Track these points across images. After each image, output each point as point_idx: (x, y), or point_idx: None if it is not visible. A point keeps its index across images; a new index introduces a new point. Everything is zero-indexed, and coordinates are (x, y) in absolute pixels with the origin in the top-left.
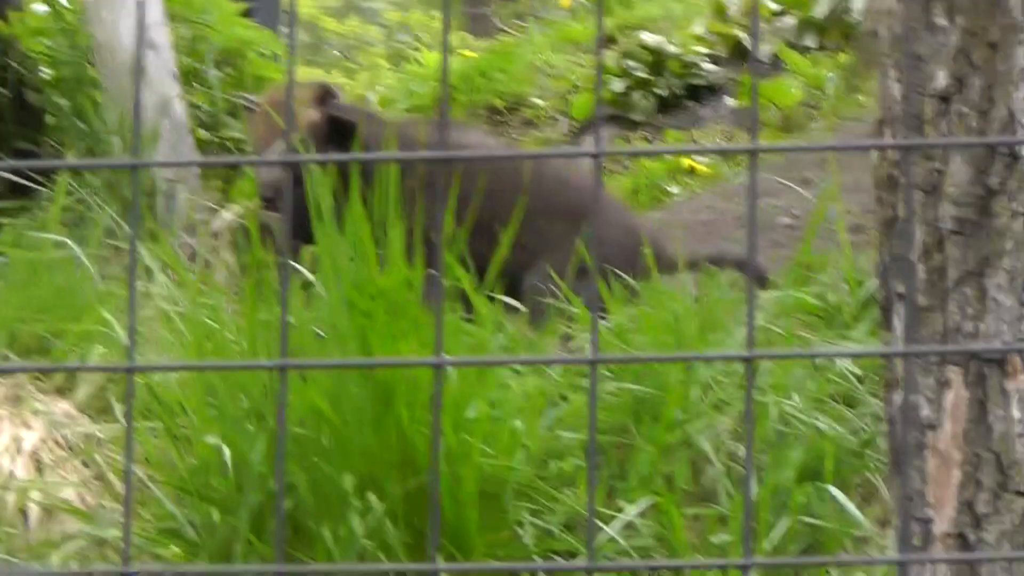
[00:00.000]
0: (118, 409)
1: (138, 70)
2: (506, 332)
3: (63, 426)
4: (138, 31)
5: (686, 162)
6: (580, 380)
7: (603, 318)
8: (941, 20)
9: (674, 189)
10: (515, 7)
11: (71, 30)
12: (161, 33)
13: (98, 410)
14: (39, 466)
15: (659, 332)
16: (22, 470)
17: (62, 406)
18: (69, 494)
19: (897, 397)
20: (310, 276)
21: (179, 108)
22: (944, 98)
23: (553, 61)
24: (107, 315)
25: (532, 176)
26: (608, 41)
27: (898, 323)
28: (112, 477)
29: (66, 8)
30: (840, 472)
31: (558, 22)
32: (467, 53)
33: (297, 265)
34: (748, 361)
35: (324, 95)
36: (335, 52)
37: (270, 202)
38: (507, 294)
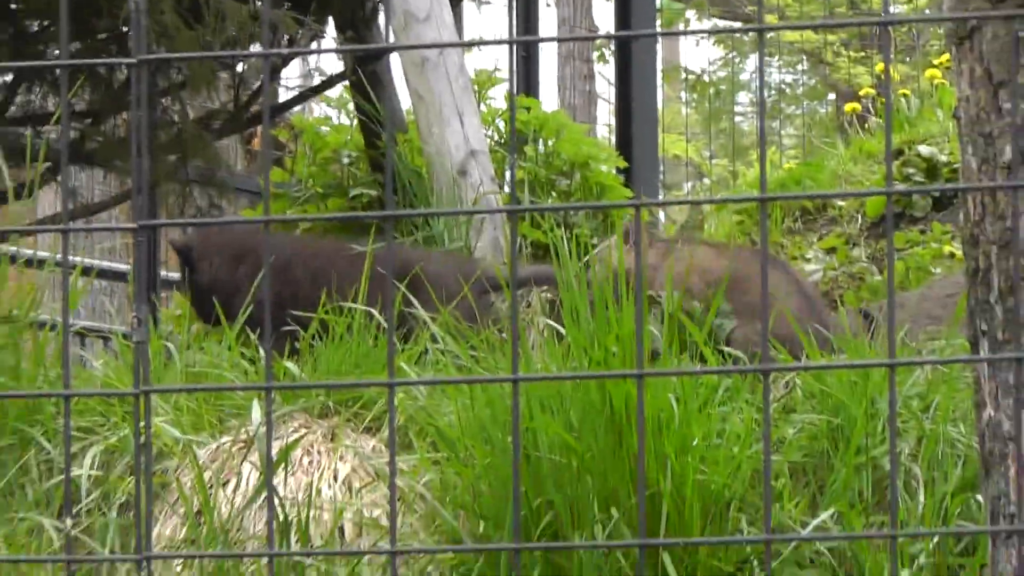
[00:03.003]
0: (416, 444)
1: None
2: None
3: (370, 458)
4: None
5: (947, 248)
6: (788, 417)
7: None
8: (1006, 104)
9: (937, 271)
10: (828, 127)
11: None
12: (480, 142)
13: (401, 445)
14: (351, 491)
15: (848, 373)
16: (337, 494)
17: (371, 443)
18: (375, 513)
19: (984, 415)
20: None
21: (495, 206)
22: (1009, 168)
23: (853, 171)
24: (405, 366)
25: None
26: (896, 153)
27: (983, 353)
28: (411, 498)
29: None
30: None
31: (856, 139)
32: (787, 165)
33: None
34: (892, 367)
35: None
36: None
37: None
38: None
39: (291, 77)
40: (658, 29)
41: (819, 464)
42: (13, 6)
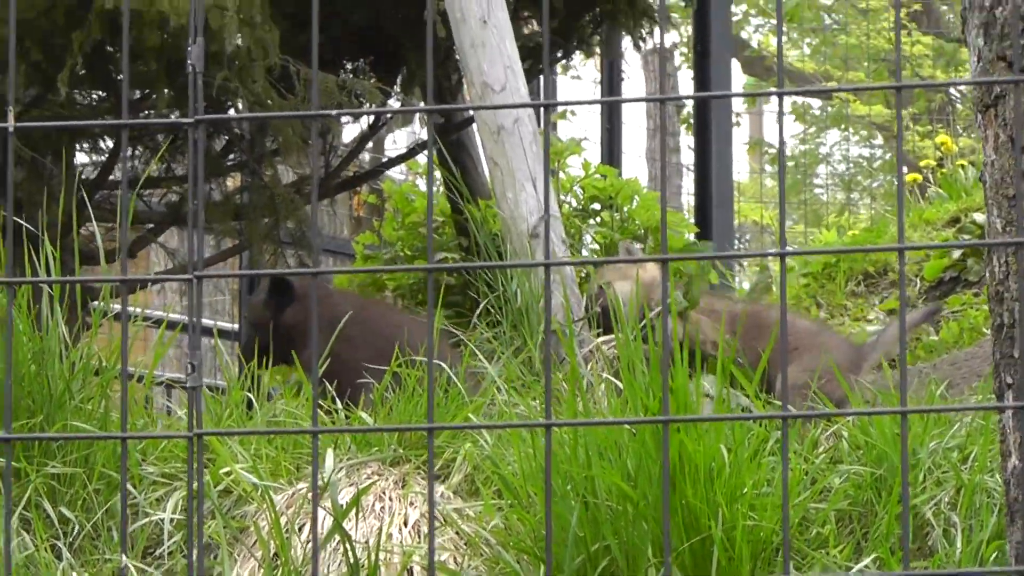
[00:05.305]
0: (483, 491)
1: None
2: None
3: (439, 504)
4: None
5: None
6: (835, 467)
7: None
8: None
9: (987, 331)
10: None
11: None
12: (552, 207)
13: (468, 492)
14: (419, 535)
15: (889, 424)
16: (407, 538)
17: (439, 489)
18: (444, 556)
19: (1010, 464)
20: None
21: (569, 268)
22: None
23: (912, 237)
24: (473, 417)
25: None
26: (953, 221)
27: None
28: (477, 542)
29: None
30: None
31: (916, 208)
32: (851, 232)
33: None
34: (904, 415)
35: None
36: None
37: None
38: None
39: (392, 148)
40: (733, 104)
41: (864, 512)
42: (117, 77)
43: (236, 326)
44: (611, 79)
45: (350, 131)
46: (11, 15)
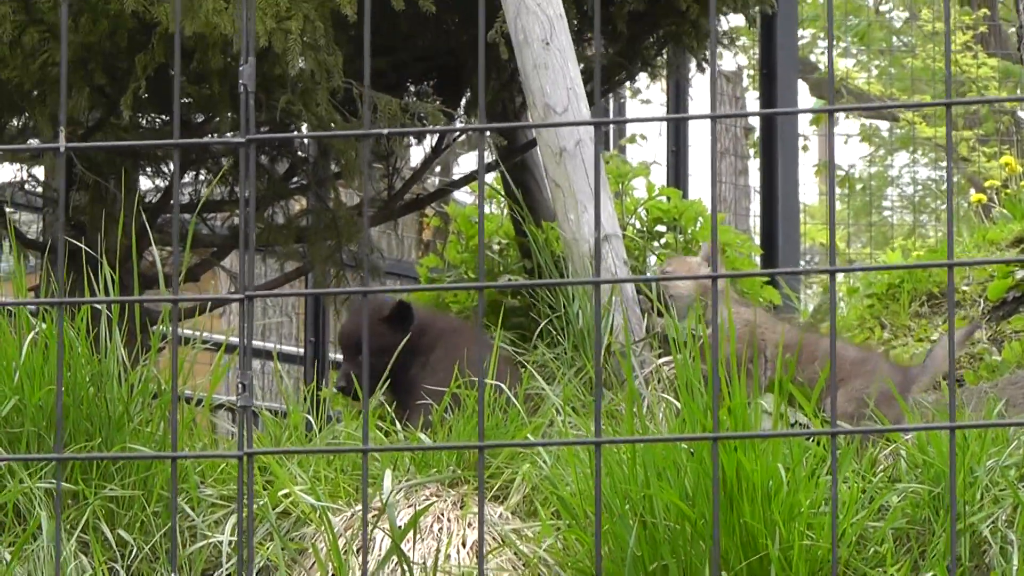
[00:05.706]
0: (541, 512)
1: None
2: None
3: (497, 525)
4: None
5: None
6: (892, 486)
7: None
8: None
9: None
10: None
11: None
12: (614, 227)
13: (527, 513)
14: (478, 556)
15: (947, 442)
16: (465, 559)
17: (498, 510)
18: None
19: None
20: (676, 403)
21: (629, 288)
22: None
23: (975, 257)
24: (530, 436)
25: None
26: (1017, 241)
27: None
28: (535, 563)
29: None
30: None
31: (980, 228)
32: (915, 253)
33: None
34: (952, 430)
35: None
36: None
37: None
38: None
39: (458, 172)
40: (801, 125)
41: (922, 530)
42: (182, 99)
43: (301, 350)
44: (677, 101)
45: (417, 155)
46: (63, 37)
